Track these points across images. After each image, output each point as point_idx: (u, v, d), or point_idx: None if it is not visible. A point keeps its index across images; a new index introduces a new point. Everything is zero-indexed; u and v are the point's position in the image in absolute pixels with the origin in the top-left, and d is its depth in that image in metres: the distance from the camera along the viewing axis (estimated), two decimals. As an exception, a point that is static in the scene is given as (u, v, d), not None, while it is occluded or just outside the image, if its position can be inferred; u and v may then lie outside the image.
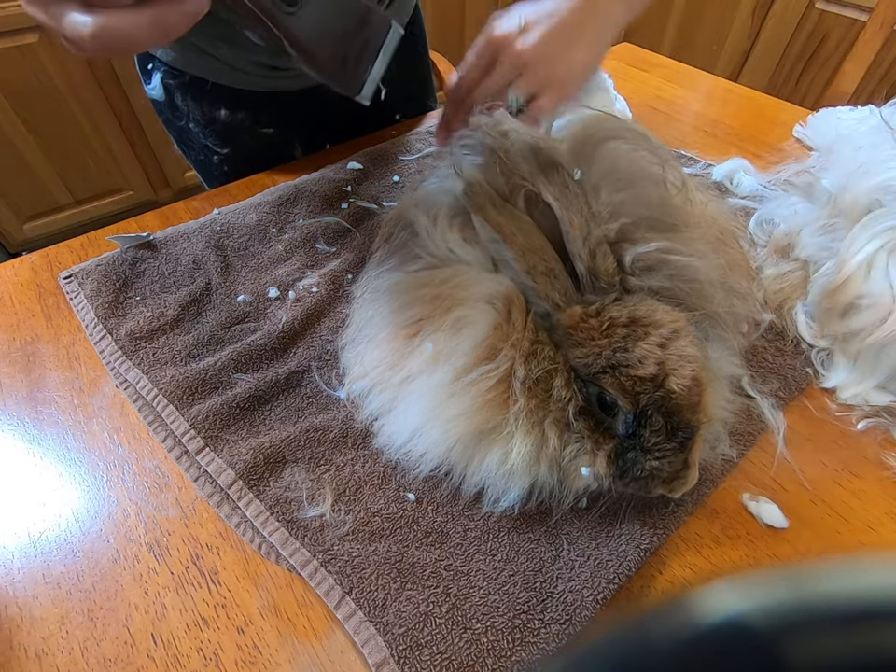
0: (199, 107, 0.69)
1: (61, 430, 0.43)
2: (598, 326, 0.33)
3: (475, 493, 0.38)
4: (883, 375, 0.45)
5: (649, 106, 0.84)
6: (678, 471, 0.33)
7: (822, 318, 0.48)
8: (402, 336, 0.38)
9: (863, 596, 0.09)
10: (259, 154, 0.72)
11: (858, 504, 0.39)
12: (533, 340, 0.35)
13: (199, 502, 0.39)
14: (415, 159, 0.70)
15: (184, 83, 0.68)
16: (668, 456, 0.33)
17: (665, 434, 0.33)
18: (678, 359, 0.32)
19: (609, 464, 0.34)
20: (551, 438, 0.34)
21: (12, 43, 1.45)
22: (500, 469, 0.35)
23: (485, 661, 0.31)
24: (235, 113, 0.70)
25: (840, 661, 0.09)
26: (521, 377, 0.34)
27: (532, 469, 0.35)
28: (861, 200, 0.49)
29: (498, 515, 0.37)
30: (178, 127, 0.73)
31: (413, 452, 0.38)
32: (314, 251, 0.56)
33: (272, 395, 0.44)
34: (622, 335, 0.33)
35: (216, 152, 0.73)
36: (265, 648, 0.33)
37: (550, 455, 0.34)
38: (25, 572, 0.35)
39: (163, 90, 0.69)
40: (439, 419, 0.36)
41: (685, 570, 0.36)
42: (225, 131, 0.71)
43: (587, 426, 0.34)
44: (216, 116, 0.70)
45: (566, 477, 0.35)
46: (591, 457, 0.34)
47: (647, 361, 0.32)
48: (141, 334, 0.48)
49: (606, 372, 0.33)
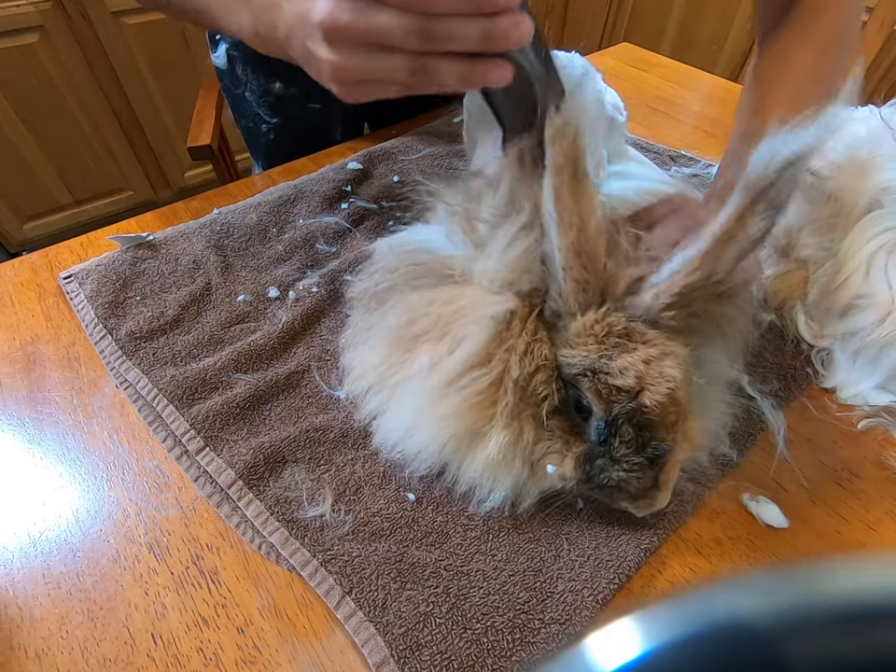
0: (256, 78, 0.76)
1: (61, 430, 0.43)
2: (599, 331, 0.33)
3: (465, 493, 0.38)
4: (883, 375, 0.45)
5: (649, 106, 0.84)
6: (646, 489, 0.33)
7: (822, 318, 0.48)
8: (402, 348, 0.38)
9: (863, 596, 0.09)
10: (304, 128, 0.80)
11: (858, 504, 0.39)
12: (531, 340, 0.34)
13: (199, 502, 0.39)
14: (415, 159, 0.70)
15: (246, 55, 0.74)
16: (636, 471, 0.33)
17: (634, 447, 0.33)
18: (657, 377, 0.32)
19: (576, 466, 0.34)
20: (526, 432, 0.34)
21: (12, 43, 1.45)
22: (484, 466, 0.35)
23: (485, 661, 0.31)
24: (288, 87, 0.76)
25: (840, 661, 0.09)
26: (514, 375, 0.34)
27: (509, 464, 0.35)
28: (861, 200, 0.49)
29: (498, 515, 0.37)
30: (234, 94, 0.80)
31: (407, 450, 0.38)
32: (314, 251, 0.56)
33: (272, 395, 0.44)
34: (612, 344, 0.32)
35: (265, 121, 0.80)
36: (265, 648, 0.33)
37: (523, 449, 0.34)
38: (25, 572, 0.35)
39: (227, 59, 0.76)
40: (430, 419, 0.36)
41: (685, 570, 0.36)
42: (277, 102, 0.78)
43: (561, 425, 0.35)
44: (270, 87, 0.76)
45: (534, 474, 0.35)
46: (559, 457, 0.35)
47: (627, 373, 0.32)
48: (141, 334, 0.48)
49: (586, 376, 0.33)
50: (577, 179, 0.31)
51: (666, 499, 0.34)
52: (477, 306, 0.36)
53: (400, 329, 0.38)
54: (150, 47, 1.65)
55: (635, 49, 1.00)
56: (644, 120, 0.80)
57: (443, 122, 0.78)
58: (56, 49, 1.51)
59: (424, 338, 0.37)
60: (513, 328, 0.35)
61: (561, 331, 0.35)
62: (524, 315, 0.35)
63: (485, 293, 0.36)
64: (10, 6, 1.41)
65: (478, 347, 0.35)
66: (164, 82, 1.73)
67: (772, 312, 0.51)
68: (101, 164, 1.77)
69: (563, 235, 0.31)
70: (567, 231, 0.31)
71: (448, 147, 0.72)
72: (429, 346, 0.36)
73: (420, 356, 0.36)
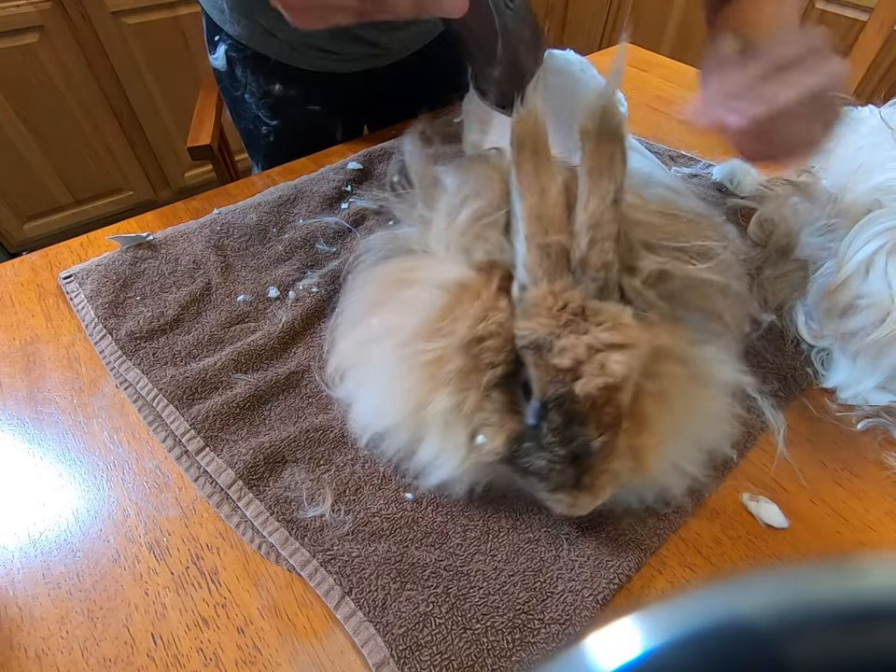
0: (256, 80, 0.76)
1: (61, 430, 0.43)
2: (552, 304, 0.32)
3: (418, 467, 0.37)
4: (883, 375, 0.45)
5: (649, 106, 0.84)
6: (568, 486, 0.32)
7: (822, 318, 0.48)
8: (365, 322, 0.39)
9: (863, 596, 0.09)
10: (304, 129, 0.80)
11: (858, 504, 0.39)
12: (488, 307, 0.33)
13: (199, 502, 0.39)
14: (415, 159, 0.70)
15: (246, 57, 0.74)
16: (557, 463, 0.31)
17: (560, 437, 0.31)
18: (598, 367, 0.30)
19: (505, 443, 0.33)
20: (469, 399, 0.33)
21: (12, 43, 1.45)
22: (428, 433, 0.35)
23: (485, 661, 0.31)
24: (288, 89, 0.76)
25: (840, 661, 0.09)
26: (461, 339, 0.33)
27: (453, 432, 0.34)
28: (861, 200, 0.49)
29: (498, 515, 0.37)
30: (234, 96, 0.79)
31: (375, 431, 0.38)
32: (314, 251, 0.56)
33: (272, 395, 0.44)
34: (564, 321, 0.31)
35: (265, 123, 0.80)
36: (265, 648, 0.33)
37: (465, 417, 0.34)
38: (25, 572, 0.35)
39: (226, 61, 0.75)
40: (390, 393, 0.36)
41: (685, 570, 0.36)
42: (277, 104, 0.77)
43: (503, 399, 0.34)
44: (270, 90, 0.76)
45: (471, 445, 0.34)
46: (494, 430, 0.33)
47: (565, 354, 0.30)
48: (141, 334, 0.48)
49: (531, 349, 0.31)
50: (537, 154, 0.34)
51: (590, 506, 0.32)
52: (430, 273, 0.36)
53: (364, 302, 0.39)
54: (150, 47, 1.65)
55: (635, 49, 1.00)
56: (644, 120, 0.80)
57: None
58: (56, 49, 1.51)
59: (380, 306, 0.38)
60: (464, 298, 0.34)
61: (522, 300, 0.34)
62: (476, 287, 0.35)
63: (441, 262, 0.37)
64: (10, 6, 1.41)
65: (427, 314, 0.34)
66: (164, 82, 1.73)
67: (772, 312, 0.51)
68: (101, 164, 1.77)
69: (524, 202, 0.33)
70: (527, 196, 0.33)
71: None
72: (382, 312, 0.37)
73: (373, 320, 0.37)
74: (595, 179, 0.33)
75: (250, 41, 0.72)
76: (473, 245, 0.36)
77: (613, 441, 0.31)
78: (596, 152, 0.33)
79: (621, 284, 0.34)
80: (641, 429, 0.33)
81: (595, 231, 0.32)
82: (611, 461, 0.32)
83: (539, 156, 0.34)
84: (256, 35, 0.71)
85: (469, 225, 0.36)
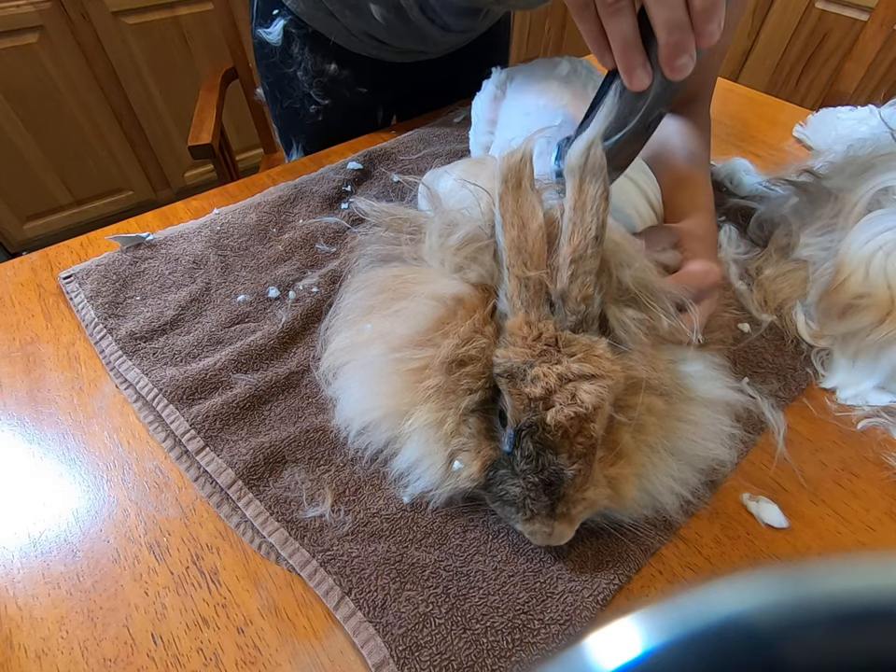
0: (313, 58, 0.78)
1: (61, 430, 0.43)
2: (527, 334, 0.32)
3: (397, 476, 0.38)
4: (883, 375, 0.45)
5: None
6: (542, 516, 0.32)
7: (822, 318, 0.48)
8: (358, 325, 0.39)
9: (863, 596, 0.09)
10: (351, 109, 0.83)
11: (858, 504, 0.39)
12: (474, 330, 0.34)
13: (199, 502, 0.39)
14: (415, 159, 0.70)
15: (306, 34, 0.76)
16: (531, 491, 0.32)
17: (533, 465, 0.32)
18: (568, 396, 0.30)
19: (481, 469, 0.34)
20: (448, 421, 0.34)
21: (12, 43, 1.45)
22: (408, 445, 0.35)
23: (485, 661, 0.31)
24: (342, 69, 0.79)
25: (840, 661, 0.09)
26: (444, 358, 0.33)
27: (431, 450, 0.34)
28: (861, 200, 0.49)
29: (498, 516, 0.37)
30: (283, 73, 0.80)
31: (357, 426, 0.38)
32: (314, 251, 0.56)
33: (272, 395, 0.44)
34: (538, 350, 0.32)
35: (315, 102, 0.82)
36: (265, 648, 0.33)
37: (443, 437, 0.34)
38: (25, 572, 0.35)
39: (283, 36, 0.76)
40: (372, 393, 0.36)
41: (685, 570, 0.36)
42: (330, 83, 0.80)
43: (479, 426, 0.34)
44: (325, 68, 0.78)
45: (449, 468, 0.35)
46: (470, 456, 0.34)
47: (537, 382, 0.31)
48: (141, 334, 0.48)
49: (505, 377, 0.32)
50: (520, 188, 0.34)
51: (566, 535, 0.32)
52: (429, 286, 0.36)
53: (359, 303, 0.40)
54: (150, 47, 1.65)
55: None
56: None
57: (443, 122, 0.78)
58: (56, 49, 1.51)
59: (375, 311, 0.38)
60: (459, 312, 0.35)
61: (504, 329, 0.34)
62: (473, 303, 0.35)
63: (439, 275, 0.37)
64: (10, 6, 1.41)
65: (418, 325, 0.35)
66: (164, 82, 1.73)
67: (772, 312, 0.51)
68: (101, 164, 1.77)
69: (506, 234, 0.34)
70: (509, 229, 0.34)
71: (448, 147, 0.72)
72: (376, 317, 0.38)
73: (366, 324, 0.38)
74: (579, 215, 0.33)
75: (312, 20, 0.74)
76: (467, 265, 0.37)
77: (587, 469, 0.32)
78: (580, 189, 0.33)
79: (606, 315, 0.35)
80: (617, 459, 0.34)
81: (578, 266, 0.33)
82: (586, 490, 0.32)
83: (522, 189, 0.34)
84: (320, 15, 0.73)
85: (462, 246, 0.37)
